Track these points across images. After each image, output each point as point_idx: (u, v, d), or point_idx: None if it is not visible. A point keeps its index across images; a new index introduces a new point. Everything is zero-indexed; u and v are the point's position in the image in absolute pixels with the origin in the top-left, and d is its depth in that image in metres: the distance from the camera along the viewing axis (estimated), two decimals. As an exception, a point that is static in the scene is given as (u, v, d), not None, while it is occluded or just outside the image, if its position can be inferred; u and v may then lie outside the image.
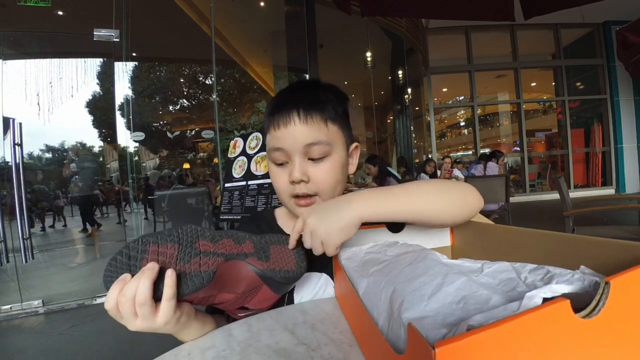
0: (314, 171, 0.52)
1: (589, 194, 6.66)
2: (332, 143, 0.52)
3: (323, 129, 0.51)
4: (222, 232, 0.42)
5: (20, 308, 2.60)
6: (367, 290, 0.34)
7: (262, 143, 1.87)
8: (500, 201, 3.51)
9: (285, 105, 0.52)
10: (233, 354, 0.35)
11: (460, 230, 0.49)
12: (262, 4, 4.83)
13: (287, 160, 0.52)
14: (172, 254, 0.37)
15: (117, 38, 2.91)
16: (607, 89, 6.90)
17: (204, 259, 0.37)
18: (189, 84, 7.74)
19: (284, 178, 0.53)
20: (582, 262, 0.27)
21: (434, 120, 7.41)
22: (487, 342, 0.17)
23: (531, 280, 0.27)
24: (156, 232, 0.38)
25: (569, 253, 0.31)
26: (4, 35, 3.15)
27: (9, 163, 2.70)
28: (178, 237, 0.38)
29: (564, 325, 0.19)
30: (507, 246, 0.39)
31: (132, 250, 0.36)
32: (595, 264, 0.27)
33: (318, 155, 0.51)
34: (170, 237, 0.38)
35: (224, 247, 0.40)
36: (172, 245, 0.37)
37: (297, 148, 0.51)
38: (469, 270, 0.32)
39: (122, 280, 0.34)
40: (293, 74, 4.83)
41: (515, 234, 0.37)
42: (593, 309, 0.20)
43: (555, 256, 0.32)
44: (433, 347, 0.17)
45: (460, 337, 0.17)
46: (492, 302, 0.24)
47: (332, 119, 0.52)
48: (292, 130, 0.50)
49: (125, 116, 3.19)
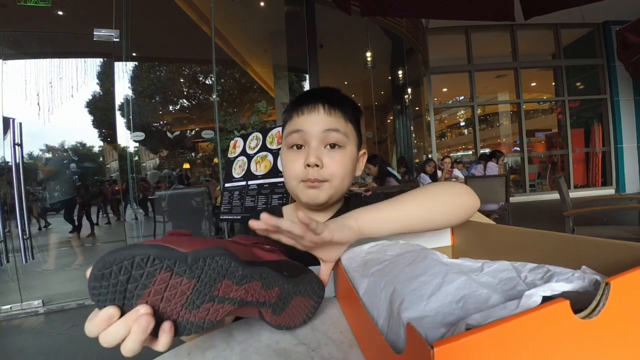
0: (328, 158, 0.55)
1: (589, 194, 6.66)
2: (348, 137, 0.58)
3: (342, 123, 0.57)
4: (254, 271, 0.32)
5: (20, 308, 2.60)
6: (368, 290, 0.34)
7: (262, 143, 1.87)
8: (500, 201, 3.52)
9: (312, 98, 0.57)
10: (233, 354, 0.35)
11: (461, 230, 0.49)
12: (262, 4, 4.83)
13: (303, 144, 0.56)
14: (184, 292, 0.28)
15: (117, 38, 2.91)
16: (607, 89, 6.90)
17: (217, 306, 0.30)
18: (189, 84, 7.74)
19: (298, 162, 0.56)
20: (584, 263, 0.27)
21: (434, 120, 7.40)
22: (486, 342, 0.17)
23: (531, 279, 0.27)
24: (175, 253, 0.27)
25: (570, 253, 0.31)
26: (4, 35, 3.15)
27: (9, 163, 2.70)
28: (201, 271, 0.28)
29: (564, 325, 0.19)
30: (508, 246, 0.39)
31: (136, 269, 0.26)
32: (596, 264, 0.27)
33: (334, 141, 0.56)
34: (191, 270, 0.28)
35: (247, 292, 0.32)
36: (188, 280, 0.28)
37: (317, 131, 0.55)
38: (469, 269, 0.32)
39: (107, 317, 0.26)
40: (293, 74, 4.83)
41: (516, 234, 0.37)
42: (593, 310, 0.19)
43: (557, 256, 0.32)
44: (432, 347, 0.17)
45: (459, 337, 0.17)
46: (491, 301, 0.24)
47: (349, 119, 0.59)
48: (315, 117, 0.56)
49: (125, 116, 3.19)
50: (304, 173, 0.55)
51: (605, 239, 0.28)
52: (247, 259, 0.34)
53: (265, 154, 1.82)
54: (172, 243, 0.28)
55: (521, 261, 0.31)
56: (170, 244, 0.28)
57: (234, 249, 0.32)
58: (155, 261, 0.27)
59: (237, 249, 0.34)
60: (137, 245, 0.27)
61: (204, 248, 0.29)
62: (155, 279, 0.27)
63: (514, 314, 0.18)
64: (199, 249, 0.29)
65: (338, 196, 0.60)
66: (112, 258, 0.26)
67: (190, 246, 0.29)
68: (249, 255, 0.36)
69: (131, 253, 0.26)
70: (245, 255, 0.35)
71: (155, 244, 0.27)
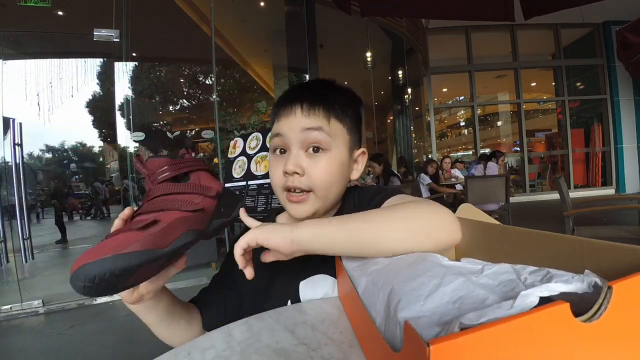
0: (310, 165, 0.49)
1: (589, 194, 6.65)
2: (332, 137, 0.50)
3: (325, 122, 0.50)
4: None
5: (20, 308, 2.60)
6: (366, 289, 0.34)
7: (262, 143, 1.87)
8: (500, 201, 3.51)
9: (290, 98, 0.52)
10: (233, 354, 0.35)
11: (464, 230, 0.48)
12: (262, 4, 4.83)
13: (285, 148, 0.52)
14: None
15: (117, 38, 2.91)
16: (607, 89, 6.90)
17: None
18: (189, 84, 7.73)
19: (279, 169, 0.51)
20: (588, 266, 0.26)
21: (434, 120, 7.41)
22: (483, 342, 0.17)
23: (531, 282, 0.26)
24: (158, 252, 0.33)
25: (575, 256, 0.30)
26: (4, 35, 3.15)
27: (9, 163, 2.70)
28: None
29: (563, 328, 0.19)
30: (511, 247, 0.38)
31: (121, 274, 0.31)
32: (601, 268, 0.26)
33: (315, 141, 0.49)
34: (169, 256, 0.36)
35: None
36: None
37: (295, 134, 0.50)
38: (469, 271, 0.31)
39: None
40: (293, 74, 4.83)
41: (521, 235, 0.36)
42: (594, 313, 0.19)
43: (561, 258, 0.31)
44: (428, 345, 0.17)
45: (456, 336, 0.17)
46: (488, 302, 0.24)
47: (336, 117, 0.51)
48: (292, 119, 0.51)
49: (125, 116, 3.19)
50: (284, 180, 0.50)
51: (611, 242, 0.27)
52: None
53: (265, 154, 1.83)
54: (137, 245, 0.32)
55: (524, 263, 0.30)
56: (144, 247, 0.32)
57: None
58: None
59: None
60: (117, 256, 0.30)
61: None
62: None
63: (514, 315, 0.18)
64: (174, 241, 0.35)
65: (327, 207, 0.53)
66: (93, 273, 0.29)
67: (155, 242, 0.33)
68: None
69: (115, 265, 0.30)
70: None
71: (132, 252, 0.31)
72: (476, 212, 0.51)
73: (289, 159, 0.50)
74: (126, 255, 0.30)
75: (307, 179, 0.49)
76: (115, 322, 2.30)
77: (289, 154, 0.50)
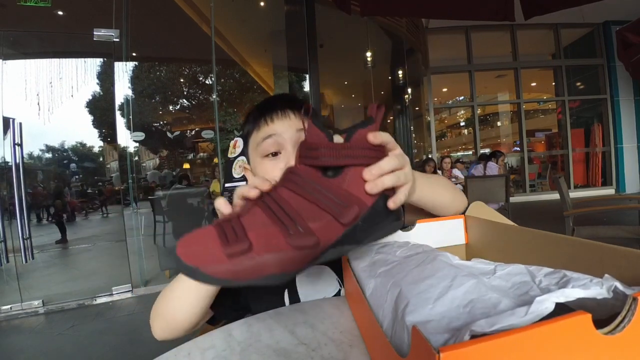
0: None
1: (589, 194, 6.65)
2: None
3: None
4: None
5: (20, 308, 2.60)
6: (374, 291, 0.33)
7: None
8: (500, 201, 3.51)
9: (278, 105, 0.53)
10: (233, 354, 0.35)
11: (475, 229, 0.48)
12: (262, 4, 4.83)
13: (278, 150, 0.51)
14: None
15: (117, 38, 2.91)
16: (607, 89, 6.90)
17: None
18: (189, 84, 7.73)
19: (277, 169, 0.49)
20: (606, 271, 0.25)
21: (434, 120, 7.40)
22: (495, 352, 0.17)
23: (546, 285, 0.25)
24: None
25: (593, 261, 0.28)
26: (4, 35, 3.15)
27: (9, 163, 2.70)
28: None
29: (583, 340, 0.17)
30: (524, 248, 0.37)
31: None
32: (621, 275, 0.24)
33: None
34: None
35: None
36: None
37: (291, 134, 0.51)
38: (481, 272, 0.30)
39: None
40: (293, 74, 4.83)
41: (534, 237, 0.35)
42: (617, 325, 0.18)
43: (577, 263, 0.30)
44: (437, 352, 0.16)
45: (467, 344, 0.16)
46: (500, 307, 0.23)
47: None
48: (287, 122, 0.52)
49: (125, 116, 3.19)
50: None
51: (631, 248, 0.26)
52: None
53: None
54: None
55: (538, 265, 0.29)
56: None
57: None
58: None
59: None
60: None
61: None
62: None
63: (528, 323, 0.17)
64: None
65: None
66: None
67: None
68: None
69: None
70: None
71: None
72: (488, 211, 0.51)
73: (290, 157, 0.50)
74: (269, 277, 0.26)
75: None
76: (116, 322, 2.30)
77: (286, 153, 0.51)
